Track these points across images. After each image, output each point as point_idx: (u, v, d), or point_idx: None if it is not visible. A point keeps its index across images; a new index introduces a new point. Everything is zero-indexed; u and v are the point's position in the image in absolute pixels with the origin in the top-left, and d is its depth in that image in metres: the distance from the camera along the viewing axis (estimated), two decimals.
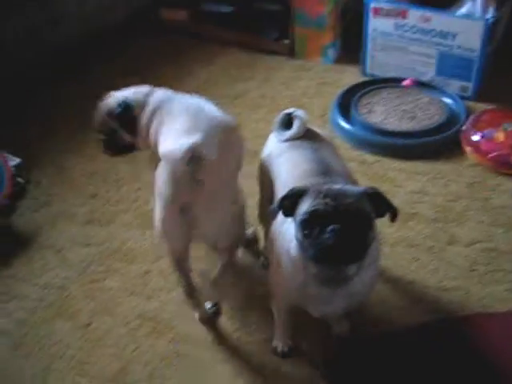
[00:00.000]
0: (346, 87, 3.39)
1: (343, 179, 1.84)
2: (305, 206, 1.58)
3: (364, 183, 2.73)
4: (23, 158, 2.94)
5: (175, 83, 3.62)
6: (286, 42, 3.82)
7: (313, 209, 1.55)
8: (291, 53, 3.85)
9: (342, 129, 3.11)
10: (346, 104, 3.23)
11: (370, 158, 2.98)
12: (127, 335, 2.21)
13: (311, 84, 3.58)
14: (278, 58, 3.84)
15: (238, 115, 3.31)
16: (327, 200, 1.54)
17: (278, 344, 2.11)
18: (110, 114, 2.22)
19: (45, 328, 2.26)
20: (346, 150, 3.01)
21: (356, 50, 3.63)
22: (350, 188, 1.61)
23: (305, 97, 3.45)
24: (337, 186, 1.60)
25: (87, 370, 2.11)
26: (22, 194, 2.86)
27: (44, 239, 2.64)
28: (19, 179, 2.87)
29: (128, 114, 2.20)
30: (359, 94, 3.28)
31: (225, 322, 2.24)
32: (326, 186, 1.60)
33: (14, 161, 2.91)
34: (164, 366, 2.10)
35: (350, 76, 3.62)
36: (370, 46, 3.52)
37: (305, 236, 1.57)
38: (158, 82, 3.57)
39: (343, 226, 1.52)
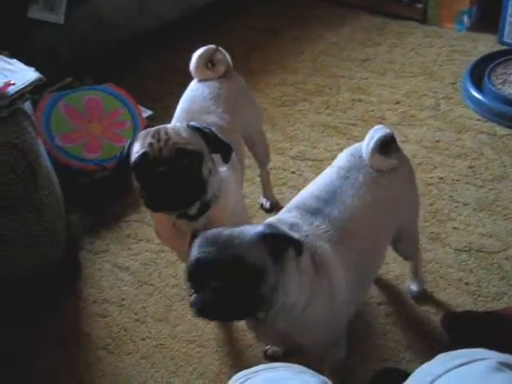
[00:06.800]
0: (480, 55, 3.25)
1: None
2: (195, 252, 1.40)
3: (493, 156, 2.66)
4: (155, 110, 3.10)
5: (303, 45, 3.66)
6: (419, 6, 3.69)
7: (195, 258, 1.37)
8: (423, 18, 3.71)
9: (473, 98, 2.99)
10: (479, 73, 3.09)
11: (501, 130, 2.84)
12: None
13: (443, 51, 3.45)
14: (409, 23, 3.73)
15: (365, 80, 3.29)
16: (211, 248, 1.36)
17: None
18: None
19: (168, 270, 2.41)
20: (476, 120, 2.91)
21: (493, 17, 3.45)
22: (241, 233, 1.40)
23: (435, 64, 3.34)
24: (226, 232, 1.40)
25: None
26: None
27: None
28: None
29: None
30: (494, 64, 3.12)
31: None
32: (215, 232, 1.42)
33: (147, 112, 3.07)
34: None
35: (485, 44, 3.45)
36: (510, 11, 3.32)
37: (190, 286, 1.41)
38: (286, 44, 3.67)
39: (225, 281, 1.34)
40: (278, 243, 1.41)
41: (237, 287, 1.34)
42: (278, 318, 1.49)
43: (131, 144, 1.64)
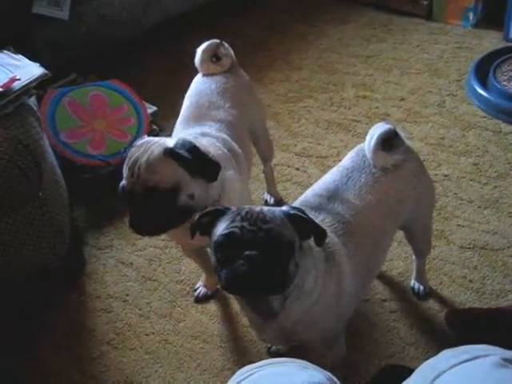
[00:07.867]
0: (485, 52, 3.23)
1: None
2: (221, 228, 1.41)
3: (498, 154, 2.66)
4: (160, 106, 3.10)
5: (308, 41, 3.65)
6: (424, 2, 3.68)
7: (228, 231, 1.39)
8: (429, 15, 3.70)
9: (478, 95, 2.98)
10: (485, 70, 3.08)
11: (506, 127, 2.83)
12: None
13: (448, 48, 3.43)
14: (414, 20, 3.71)
15: (369, 76, 3.28)
16: (245, 223, 1.38)
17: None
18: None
19: (172, 266, 2.41)
20: (481, 118, 2.90)
21: (498, 14, 3.43)
22: (269, 210, 1.43)
23: (441, 61, 3.33)
24: (257, 209, 1.43)
25: (209, 309, 2.24)
26: None
27: None
28: (154, 126, 3.03)
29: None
30: (499, 61, 3.10)
31: None
32: (246, 208, 1.43)
33: (151, 109, 3.07)
34: None
35: (491, 41, 3.44)
36: None
37: (217, 260, 1.42)
38: (291, 40, 3.66)
39: (260, 252, 1.36)
40: (304, 226, 1.44)
41: (270, 258, 1.36)
42: (295, 306, 1.50)
43: (126, 156, 1.69)
